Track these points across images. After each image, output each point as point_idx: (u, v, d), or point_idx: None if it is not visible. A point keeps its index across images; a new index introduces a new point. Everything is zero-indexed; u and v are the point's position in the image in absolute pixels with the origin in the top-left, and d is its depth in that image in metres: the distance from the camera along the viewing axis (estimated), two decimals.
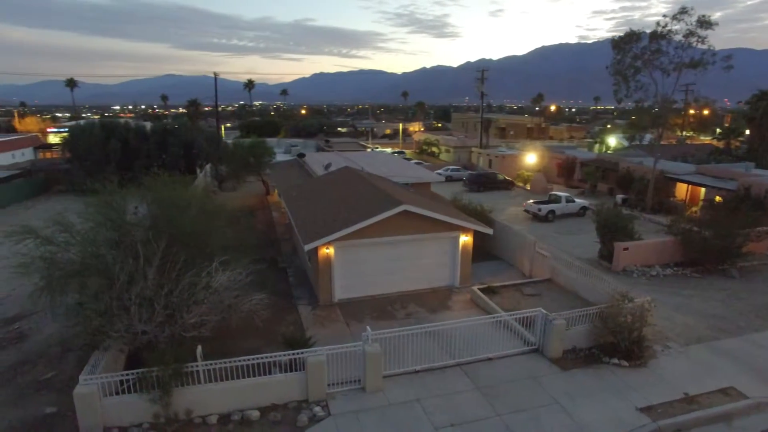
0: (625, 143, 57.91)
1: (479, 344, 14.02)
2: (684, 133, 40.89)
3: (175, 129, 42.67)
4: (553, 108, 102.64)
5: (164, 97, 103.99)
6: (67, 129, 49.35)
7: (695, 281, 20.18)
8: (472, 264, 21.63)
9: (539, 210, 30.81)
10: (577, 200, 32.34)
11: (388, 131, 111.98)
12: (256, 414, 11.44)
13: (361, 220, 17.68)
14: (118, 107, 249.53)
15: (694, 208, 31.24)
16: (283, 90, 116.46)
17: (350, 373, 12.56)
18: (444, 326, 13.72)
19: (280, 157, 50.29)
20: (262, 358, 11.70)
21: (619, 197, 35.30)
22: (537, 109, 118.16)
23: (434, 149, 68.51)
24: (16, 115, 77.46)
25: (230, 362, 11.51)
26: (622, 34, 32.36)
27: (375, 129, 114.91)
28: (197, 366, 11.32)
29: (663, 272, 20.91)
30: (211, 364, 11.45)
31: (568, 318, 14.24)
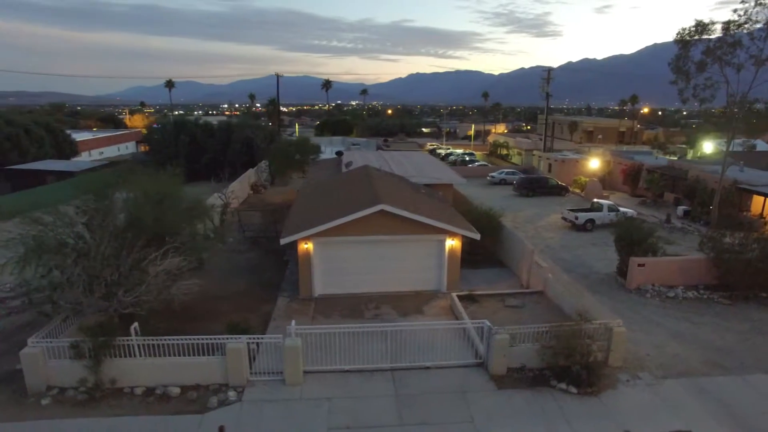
0: (722, 148, 51.16)
1: (425, 351, 13.47)
2: None
3: (235, 126, 45.95)
4: (645, 110, 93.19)
5: (252, 96, 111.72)
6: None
7: (720, 308, 17.41)
8: (474, 269, 20.92)
9: (576, 218, 28.48)
10: (622, 209, 29.35)
11: (470, 132, 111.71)
12: (176, 391, 12.20)
13: (338, 217, 17.85)
14: (226, 105, 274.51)
15: None
16: (363, 90, 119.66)
17: (279, 365, 12.83)
18: (374, 328, 13.42)
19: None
20: (187, 339, 12.42)
21: (681, 209, 31.39)
22: (641, 111, 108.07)
23: (504, 151, 66.13)
24: (127, 113, 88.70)
25: (160, 340, 12.38)
26: (690, 26, 28.75)
27: (458, 130, 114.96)
28: (131, 340, 12.35)
29: (684, 294, 18.32)
30: (144, 340, 12.42)
31: (516, 334, 13.17)
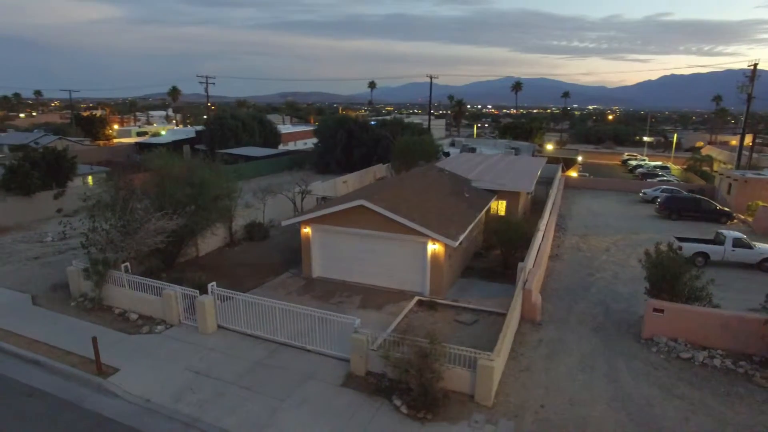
0: None
1: (320, 337, 13.95)
2: None
3: (387, 125, 49.94)
4: None
5: (450, 98, 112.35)
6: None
7: (747, 390, 12.22)
8: (489, 281, 20.05)
9: (680, 249, 22.46)
10: (759, 246, 21.71)
11: (699, 144, 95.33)
12: (134, 316, 16.15)
13: (327, 207, 19.41)
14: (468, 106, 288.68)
15: None
16: (565, 92, 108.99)
17: None
18: (276, 305, 14.55)
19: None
20: (148, 281, 16.20)
21: None
22: None
23: (703, 167, 53.50)
24: (340, 109, 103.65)
25: (133, 278, 16.50)
26: None
27: (683, 140, 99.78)
28: (120, 275, 16.79)
29: (707, 360, 13.42)
30: (127, 276, 16.74)
31: (383, 338, 12.66)
